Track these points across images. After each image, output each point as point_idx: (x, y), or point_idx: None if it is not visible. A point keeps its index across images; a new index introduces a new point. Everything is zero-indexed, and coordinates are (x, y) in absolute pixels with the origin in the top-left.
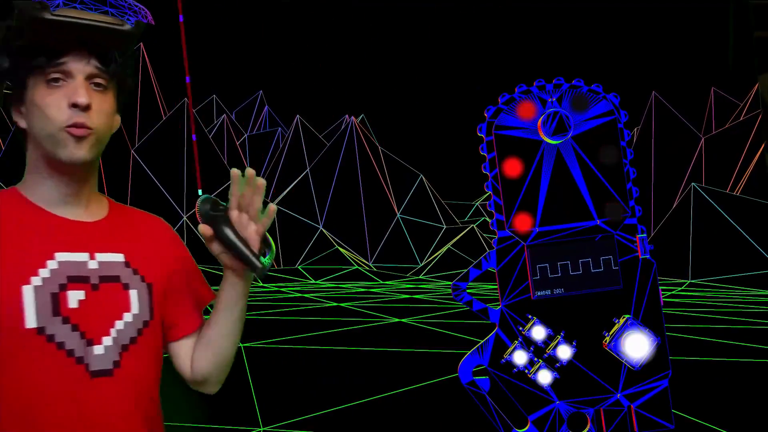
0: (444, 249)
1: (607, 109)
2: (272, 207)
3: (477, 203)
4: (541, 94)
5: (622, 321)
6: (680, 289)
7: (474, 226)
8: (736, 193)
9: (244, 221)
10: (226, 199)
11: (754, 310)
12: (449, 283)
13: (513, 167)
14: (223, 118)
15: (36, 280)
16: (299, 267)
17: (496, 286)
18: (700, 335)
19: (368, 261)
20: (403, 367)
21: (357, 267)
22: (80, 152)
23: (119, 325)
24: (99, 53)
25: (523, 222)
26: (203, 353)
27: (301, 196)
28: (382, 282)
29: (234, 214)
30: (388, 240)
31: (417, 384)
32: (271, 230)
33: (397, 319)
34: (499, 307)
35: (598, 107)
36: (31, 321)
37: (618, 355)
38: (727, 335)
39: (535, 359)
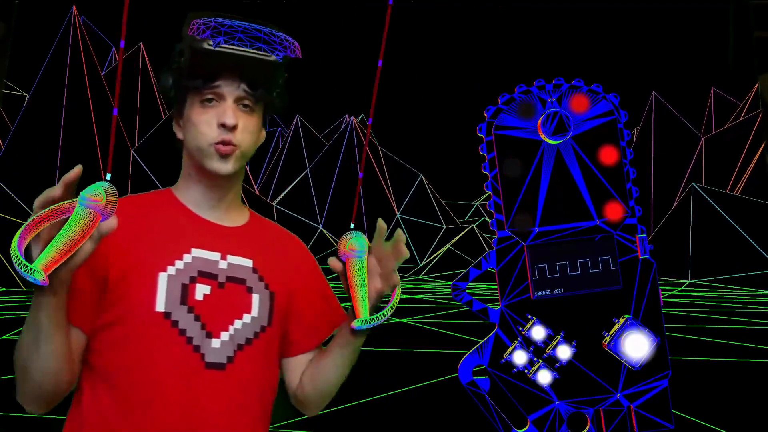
0: (444, 249)
1: (607, 109)
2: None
3: (477, 203)
4: (541, 94)
5: (621, 321)
6: (680, 289)
7: (474, 226)
8: (736, 193)
9: (373, 270)
10: None
11: (754, 310)
12: (449, 283)
13: (512, 168)
14: None
15: (171, 270)
16: None
17: (496, 286)
18: (699, 335)
19: None
20: (403, 367)
21: None
22: (226, 166)
23: (238, 324)
24: (248, 79)
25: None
26: (311, 377)
27: (301, 196)
28: None
29: (371, 261)
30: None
31: (417, 384)
32: None
33: (397, 319)
34: (498, 307)
35: (598, 107)
36: (160, 305)
37: (618, 355)
38: (726, 335)
39: (535, 359)
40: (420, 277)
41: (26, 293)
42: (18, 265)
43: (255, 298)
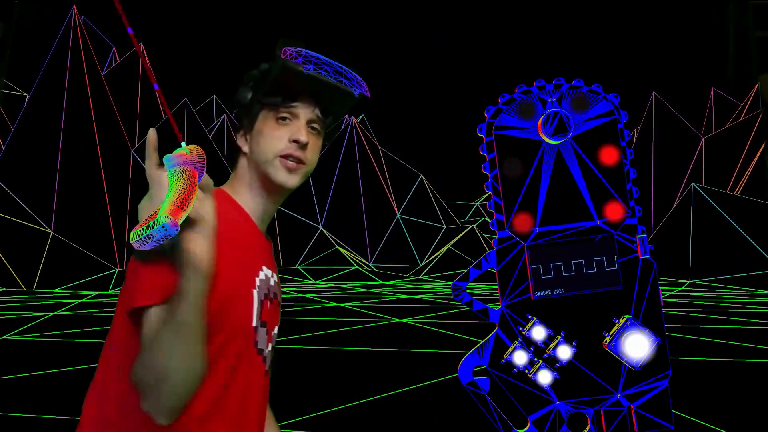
0: (444, 249)
1: (607, 110)
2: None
3: (477, 203)
4: (541, 94)
5: (622, 321)
6: (680, 289)
7: (474, 226)
8: (736, 193)
9: None
10: None
11: (754, 310)
12: (449, 283)
13: (512, 168)
14: (223, 118)
15: (256, 286)
16: (299, 267)
17: (496, 286)
18: (699, 335)
19: (368, 261)
20: (403, 367)
21: (357, 267)
22: (292, 179)
23: (273, 334)
24: (323, 105)
25: (523, 222)
26: None
27: (301, 196)
28: (382, 282)
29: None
30: (388, 240)
31: (417, 384)
32: (271, 230)
33: (397, 319)
34: (499, 308)
35: (598, 107)
36: (255, 320)
37: (618, 355)
38: (726, 335)
39: (535, 359)
40: (420, 277)
41: (26, 293)
42: (146, 228)
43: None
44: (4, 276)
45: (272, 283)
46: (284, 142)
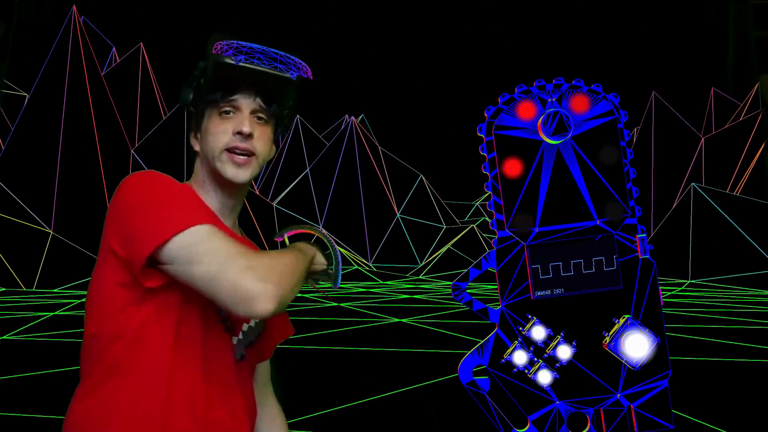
0: (444, 249)
1: (607, 109)
2: None
3: (477, 203)
4: (541, 94)
5: (622, 321)
6: (680, 289)
7: (474, 226)
8: (736, 193)
9: None
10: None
11: (754, 310)
12: (449, 283)
13: (513, 167)
14: None
15: None
16: None
17: (496, 286)
18: (699, 335)
19: (368, 261)
20: (403, 367)
21: (357, 267)
22: (242, 174)
23: (245, 327)
24: (264, 94)
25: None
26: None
27: (301, 196)
28: (382, 282)
29: None
30: (388, 240)
31: (417, 384)
32: (271, 230)
33: (397, 319)
34: (499, 307)
35: (598, 107)
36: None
37: (618, 355)
38: (726, 335)
39: (535, 359)
40: (420, 277)
41: (26, 293)
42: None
43: None
44: (4, 276)
45: None
46: (228, 135)
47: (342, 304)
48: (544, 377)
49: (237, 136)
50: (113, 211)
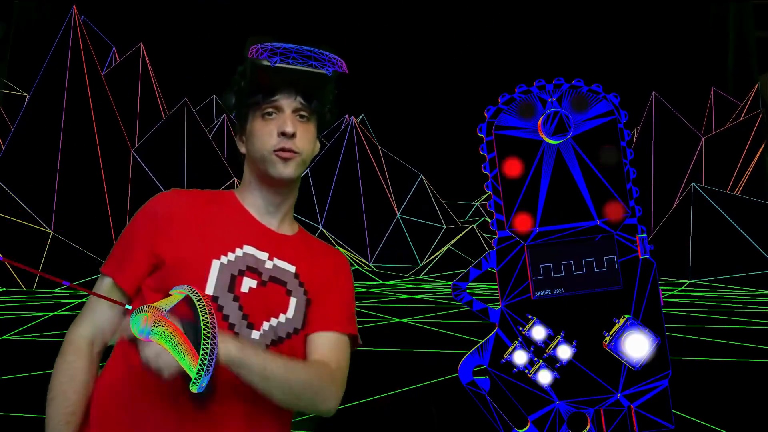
0: (444, 249)
1: (607, 109)
2: None
3: (477, 203)
4: (541, 94)
5: (622, 321)
6: (680, 289)
7: (474, 226)
8: (736, 193)
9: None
10: None
11: (754, 310)
12: (449, 283)
13: (513, 167)
14: (223, 118)
15: (224, 259)
16: None
17: (496, 286)
18: (699, 335)
19: (368, 261)
20: (403, 367)
21: (357, 267)
22: (287, 170)
23: (273, 321)
24: (303, 92)
25: (523, 222)
26: None
27: (301, 196)
28: (382, 282)
29: None
30: (388, 240)
31: (417, 384)
32: None
33: (397, 319)
34: (499, 307)
35: (598, 107)
36: (210, 289)
37: (618, 355)
38: (726, 335)
39: (535, 359)
40: (420, 277)
41: (26, 293)
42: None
43: (293, 301)
44: (4, 276)
45: (269, 266)
46: (274, 137)
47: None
48: (544, 377)
49: (281, 137)
50: None
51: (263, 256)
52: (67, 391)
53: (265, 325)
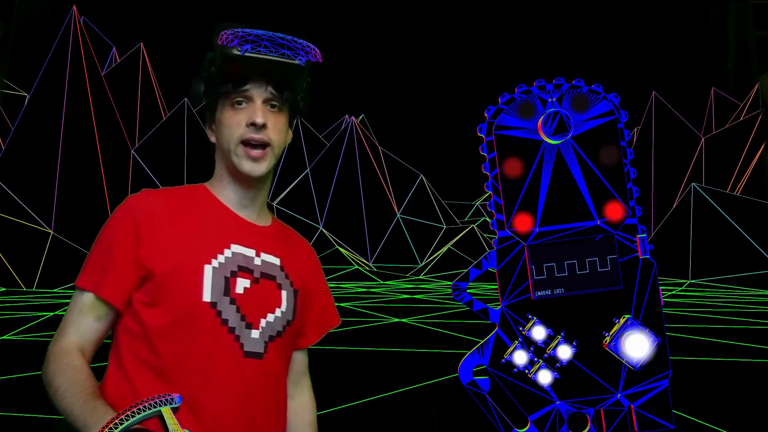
0: (444, 249)
1: (607, 109)
2: None
3: (477, 203)
4: (541, 94)
5: (622, 321)
6: (680, 289)
7: (474, 226)
8: (736, 193)
9: None
10: None
11: (754, 310)
12: (449, 283)
13: (513, 167)
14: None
15: (215, 263)
16: None
17: (496, 286)
18: (700, 335)
19: (368, 261)
20: (403, 367)
21: (357, 267)
22: (258, 168)
23: (270, 317)
24: (275, 82)
25: (523, 222)
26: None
27: (301, 196)
28: (382, 282)
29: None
30: (388, 240)
31: (417, 384)
32: None
33: (397, 319)
34: (499, 307)
35: (598, 107)
36: (207, 295)
37: (618, 355)
38: (726, 335)
39: (536, 359)
40: (420, 277)
41: (26, 293)
42: None
43: (284, 294)
44: (4, 276)
45: (258, 262)
46: (242, 127)
47: (342, 304)
48: (545, 377)
49: (251, 128)
50: None
51: (251, 253)
52: (79, 379)
53: (263, 323)
